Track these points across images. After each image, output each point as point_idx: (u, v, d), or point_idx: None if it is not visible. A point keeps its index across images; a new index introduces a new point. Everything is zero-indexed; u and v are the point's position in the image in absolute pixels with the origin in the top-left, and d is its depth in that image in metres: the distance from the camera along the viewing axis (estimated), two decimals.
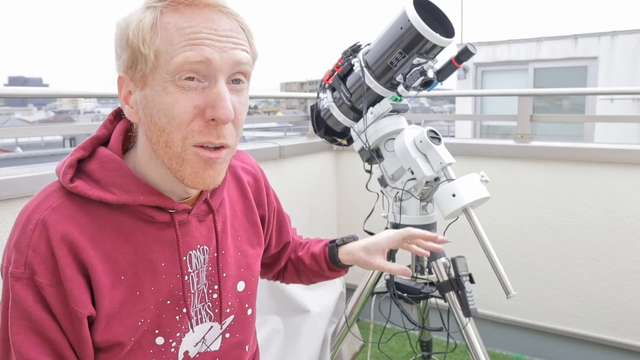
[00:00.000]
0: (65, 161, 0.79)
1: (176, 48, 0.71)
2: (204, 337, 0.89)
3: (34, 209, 0.76)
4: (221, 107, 0.72)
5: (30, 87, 11.47)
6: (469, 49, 1.34)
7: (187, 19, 0.72)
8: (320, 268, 1.16)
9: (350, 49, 1.48)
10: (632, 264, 2.16)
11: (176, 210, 0.83)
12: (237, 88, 0.77)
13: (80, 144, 0.81)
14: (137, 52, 0.73)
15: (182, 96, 0.73)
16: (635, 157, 2.10)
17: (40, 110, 45.40)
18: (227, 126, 0.75)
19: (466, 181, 1.34)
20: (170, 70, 0.72)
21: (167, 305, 0.83)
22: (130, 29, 0.73)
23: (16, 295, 0.73)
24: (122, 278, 0.78)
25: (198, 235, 0.87)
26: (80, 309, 0.74)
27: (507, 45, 8.07)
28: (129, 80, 0.77)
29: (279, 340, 1.59)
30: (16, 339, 0.73)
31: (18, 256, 0.73)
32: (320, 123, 1.60)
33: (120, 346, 0.79)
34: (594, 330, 2.27)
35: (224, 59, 0.73)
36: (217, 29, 0.73)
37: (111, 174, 0.78)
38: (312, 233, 2.70)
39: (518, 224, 2.37)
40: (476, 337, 1.46)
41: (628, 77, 7.25)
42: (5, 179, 1.41)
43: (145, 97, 0.75)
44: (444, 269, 1.46)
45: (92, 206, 0.77)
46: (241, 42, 0.76)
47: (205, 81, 0.73)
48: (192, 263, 0.85)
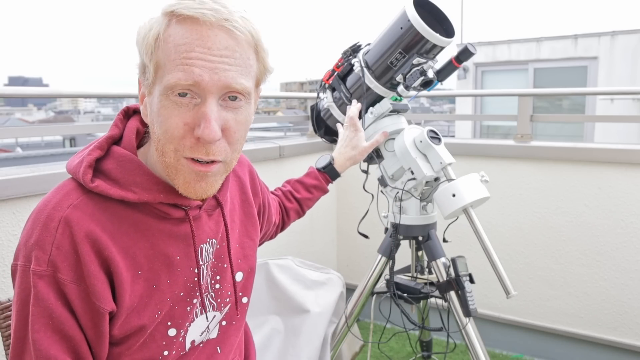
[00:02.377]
0: (83, 161, 0.80)
1: (171, 65, 0.73)
2: (207, 327, 0.93)
3: (55, 207, 0.76)
4: (205, 128, 0.74)
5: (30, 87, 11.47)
6: (469, 49, 1.34)
7: (185, 34, 0.73)
8: (322, 191, 1.39)
9: (350, 49, 1.48)
10: (632, 264, 2.16)
11: (190, 207, 0.85)
12: (233, 105, 0.77)
13: (95, 144, 0.83)
14: (144, 62, 0.77)
15: (175, 111, 0.74)
16: (635, 157, 2.10)
17: (40, 110, 45.37)
18: (217, 143, 0.76)
19: (466, 181, 1.34)
20: (165, 86, 0.74)
21: (180, 297, 0.86)
22: (141, 38, 0.76)
23: (39, 293, 0.73)
24: (139, 273, 0.81)
25: (207, 229, 0.90)
26: (103, 304, 0.76)
27: (507, 45, 8.07)
28: (142, 84, 0.80)
29: (279, 340, 1.59)
30: (37, 337, 0.74)
31: (41, 254, 0.74)
32: (320, 123, 1.61)
33: (136, 338, 0.81)
34: (594, 330, 2.27)
35: (214, 80, 0.73)
36: (212, 47, 0.73)
37: (130, 173, 0.80)
38: (312, 233, 2.71)
39: (518, 224, 2.37)
40: (476, 337, 1.46)
41: (628, 77, 7.25)
42: (5, 179, 1.41)
43: (150, 104, 0.78)
44: (444, 269, 1.46)
45: (109, 204, 0.79)
46: (237, 62, 0.75)
47: (197, 98, 0.74)
48: (203, 256, 0.89)
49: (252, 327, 1.63)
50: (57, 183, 0.82)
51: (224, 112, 0.76)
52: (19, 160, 9.58)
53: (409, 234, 1.53)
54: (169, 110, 0.74)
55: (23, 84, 68.41)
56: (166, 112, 0.74)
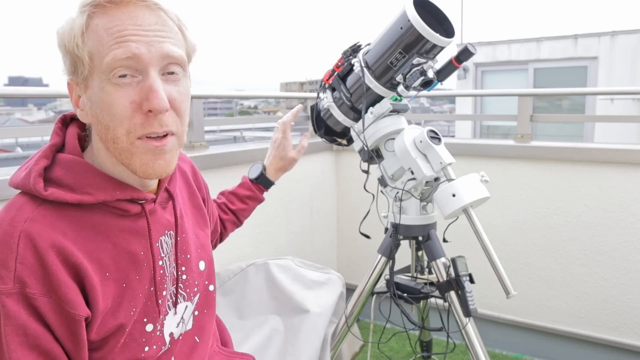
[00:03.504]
0: (31, 172, 0.79)
1: (105, 48, 0.75)
2: (182, 317, 0.94)
3: (11, 223, 0.75)
4: (153, 98, 0.75)
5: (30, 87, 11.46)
6: (469, 49, 1.34)
7: (113, 19, 0.75)
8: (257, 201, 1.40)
9: (350, 49, 1.48)
10: (632, 264, 2.16)
11: (145, 200, 0.86)
12: (172, 79, 0.80)
13: (40, 153, 0.82)
14: (75, 57, 0.77)
15: (119, 93, 0.76)
16: (635, 157, 2.10)
17: (40, 110, 45.35)
18: (167, 114, 0.78)
19: (466, 181, 1.34)
20: (103, 70, 0.75)
21: (150, 292, 0.86)
22: (65, 36, 0.77)
23: (9, 312, 0.72)
24: (107, 275, 0.81)
25: (165, 221, 0.91)
26: (78, 311, 0.75)
27: (507, 45, 8.07)
28: (75, 84, 0.81)
29: (279, 340, 1.59)
30: (14, 357, 0.72)
31: (5, 272, 0.72)
32: (320, 123, 1.60)
33: (115, 339, 0.81)
34: (594, 330, 2.27)
35: (152, 52, 0.76)
36: (142, 24, 0.76)
37: (82, 177, 0.80)
38: (312, 233, 2.70)
39: (518, 224, 2.37)
40: (476, 337, 1.46)
41: (628, 77, 7.25)
42: (5, 179, 1.41)
43: (89, 98, 0.79)
44: (444, 269, 1.46)
45: (66, 211, 0.79)
46: (169, 35, 0.78)
47: (138, 75, 0.76)
48: (163, 248, 0.90)
49: (252, 327, 1.63)
50: None
51: (166, 85, 0.78)
52: (19, 160, 9.57)
53: (409, 234, 1.53)
54: (112, 94, 0.76)
55: (23, 84, 68.33)
56: (110, 97, 0.76)
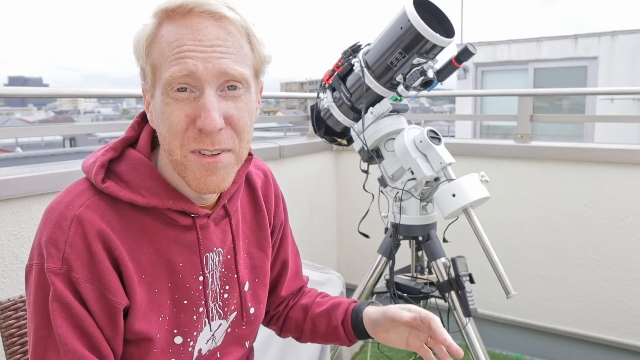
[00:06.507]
0: (96, 161, 0.81)
1: (166, 63, 0.75)
2: (213, 335, 0.93)
3: (67, 206, 0.77)
4: (205, 118, 0.74)
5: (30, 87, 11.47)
6: (469, 49, 1.34)
7: (175, 31, 0.75)
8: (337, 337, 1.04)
9: (350, 49, 1.48)
10: (632, 264, 2.16)
11: (198, 215, 0.86)
12: (232, 94, 0.77)
13: (110, 144, 0.84)
14: (142, 68, 0.79)
15: (176, 106, 0.75)
16: (635, 157, 2.10)
17: (40, 110, 45.36)
18: (222, 132, 0.77)
19: (466, 181, 1.34)
20: (163, 84, 0.75)
21: (185, 305, 0.86)
22: (135, 46, 0.78)
23: (57, 290, 0.74)
24: (142, 277, 0.81)
25: (215, 238, 0.90)
26: (119, 299, 0.78)
27: (507, 45, 8.07)
28: (145, 90, 0.82)
29: (279, 340, 1.59)
30: (61, 332, 0.74)
31: (55, 252, 0.75)
32: (320, 123, 1.60)
33: (148, 343, 0.82)
34: (594, 330, 2.27)
35: (208, 69, 0.74)
36: (202, 39, 0.74)
37: (141, 177, 0.81)
38: (312, 233, 2.71)
39: (518, 224, 2.37)
40: (476, 337, 1.46)
41: (628, 77, 7.25)
42: (5, 179, 1.41)
43: (154, 107, 0.80)
44: (444, 269, 1.46)
45: (120, 205, 0.80)
46: (230, 50, 0.76)
47: (196, 91, 0.75)
48: (209, 264, 0.89)
49: None
50: (57, 183, 0.82)
51: (223, 102, 0.77)
52: (19, 160, 9.58)
53: (409, 234, 1.53)
54: (170, 106, 0.76)
55: (23, 84, 68.39)
56: (168, 109, 0.76)
